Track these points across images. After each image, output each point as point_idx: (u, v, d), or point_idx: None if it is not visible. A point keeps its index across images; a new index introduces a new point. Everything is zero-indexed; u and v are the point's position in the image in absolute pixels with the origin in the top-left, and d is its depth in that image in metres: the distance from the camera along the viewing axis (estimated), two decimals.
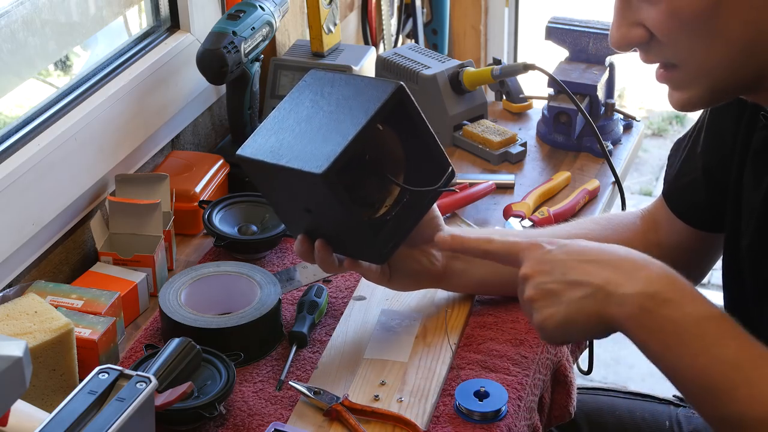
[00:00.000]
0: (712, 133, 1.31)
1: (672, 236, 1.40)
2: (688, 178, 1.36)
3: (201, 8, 1.82)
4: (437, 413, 1.31)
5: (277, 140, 1.30)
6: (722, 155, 1.28)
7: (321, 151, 1.24)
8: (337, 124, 1.27)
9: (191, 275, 1.46)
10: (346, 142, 1.24)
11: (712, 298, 1.11)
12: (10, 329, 1.27)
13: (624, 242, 1.36)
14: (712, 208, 1.33)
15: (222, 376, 1.30)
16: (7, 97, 1.55)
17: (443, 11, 2.74)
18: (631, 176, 3.88)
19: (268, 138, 1.31)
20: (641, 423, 1.56)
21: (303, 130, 1.29)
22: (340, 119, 1.28)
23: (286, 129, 1.31)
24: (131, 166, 1.70)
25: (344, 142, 1.24)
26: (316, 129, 1.28)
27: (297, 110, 1.32)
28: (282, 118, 1.32)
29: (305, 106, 1.32)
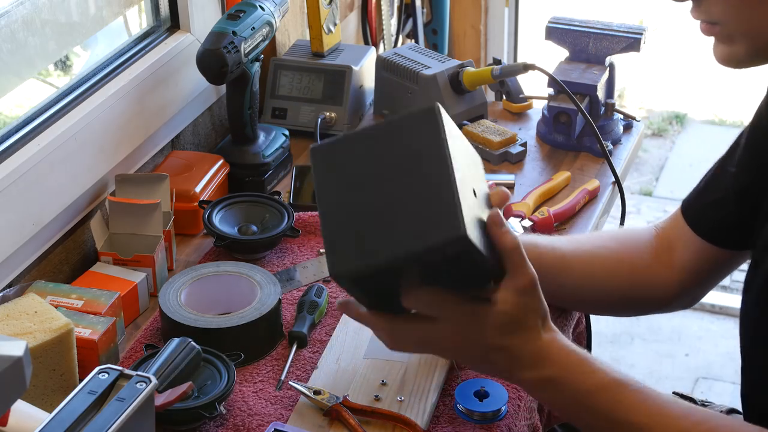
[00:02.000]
0: (750, 152, 1.31)
1: (686, 255, 1.39)
2: (714, 196, 1.36)
3: (201, 8, 1.82)
4: (437, 413, 1.31)
5: (364, 240, 1.07)
6: (761, 174, 1.28)
7: (428, 217, 1.05)
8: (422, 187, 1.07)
9: (191, 275, 1.46)
10: (453, 193, 1.05)
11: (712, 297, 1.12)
12: (10, 329, 1.27)
13: (636, 260, 1.40)
14: (740, 226, 1.32)
15: (222, 376, 1.30)
16: (7, 97, 1.55)
17: (443, 11, 2.74)
18: (631, 176, 3.88)
19: (349, 240, 1.07)
20: None
21: (386, 209, 1.07)
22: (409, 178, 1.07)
23: (362, 222, 1.08)
24: (131, 166, 1.70)
25: (450, 193, 1.05)
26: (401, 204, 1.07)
27: (346, 197, 1.09)
28: (338, 214, 1.09)
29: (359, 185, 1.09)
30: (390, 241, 1.06)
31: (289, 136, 1.83)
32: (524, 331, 1.14)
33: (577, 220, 1.70)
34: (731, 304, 3.22)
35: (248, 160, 1.76)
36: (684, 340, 3.12)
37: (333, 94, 1.93)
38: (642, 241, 1.44)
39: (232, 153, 1.77)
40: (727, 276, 1.44)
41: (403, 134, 1.09)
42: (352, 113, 1.94)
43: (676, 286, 1.41)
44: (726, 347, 3.08)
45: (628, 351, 3.07)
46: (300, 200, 1.72)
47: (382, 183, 1.08)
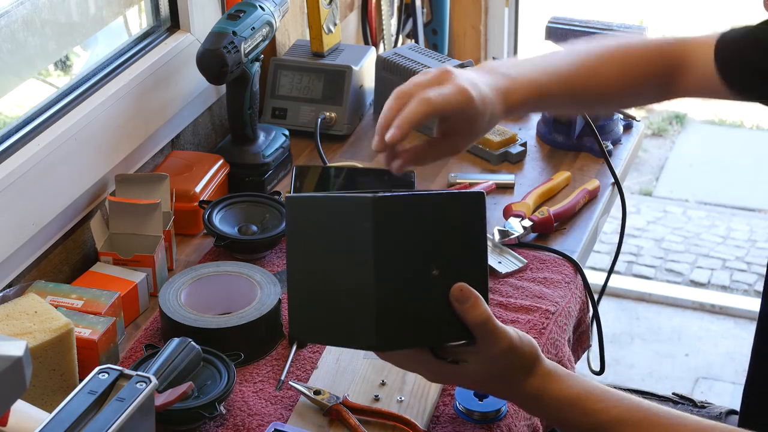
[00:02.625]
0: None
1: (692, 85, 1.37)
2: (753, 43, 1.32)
3: (201, 8, 1.82)
4: (437, 413, 1.31)
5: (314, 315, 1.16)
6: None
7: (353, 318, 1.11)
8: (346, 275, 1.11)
9: (191, 275, 1.46)
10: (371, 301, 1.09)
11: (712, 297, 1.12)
12: (10, 329, 1.27)
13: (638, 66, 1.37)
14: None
15: (222, 376, 1.30)
16: (7, 97, 1.55)
17: (443, 11, 2.74)
18: (631, 176, 3.88)
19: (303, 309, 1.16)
20: None
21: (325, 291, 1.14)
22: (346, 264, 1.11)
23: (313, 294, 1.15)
24: (131, 166, 1.70)
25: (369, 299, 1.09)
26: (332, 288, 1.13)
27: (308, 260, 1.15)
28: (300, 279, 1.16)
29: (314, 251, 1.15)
30: (327, 329, 1.14)
31: (289, 136, 1.83)
32: (505, 383, 1.16)
33: (577, 220, 1.70)
34: (731, 304, 3.22)
35: (248, 160, 1.76)
36: (684, 340, 3.12)
37: (333, 94, 1.93)
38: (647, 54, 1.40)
39: (232, 153, 1.77)
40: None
41: (348, 213, 1.11)
42: (352, 113, 1.94)
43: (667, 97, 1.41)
44: (726, 347, 3.08)
45: (628, 351, 3.07)
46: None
47: (329, 259, 1.13)
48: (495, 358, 1.13)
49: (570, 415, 1.15)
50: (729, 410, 1.56)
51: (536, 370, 1.15)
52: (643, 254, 3.51)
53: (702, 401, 1.61)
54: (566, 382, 1.16)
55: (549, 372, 1.16)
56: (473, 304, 1.12)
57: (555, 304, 1.50)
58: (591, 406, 1.14)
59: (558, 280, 1.55)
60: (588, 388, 1.15)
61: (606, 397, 1.15)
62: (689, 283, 3.36)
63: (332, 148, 1.90)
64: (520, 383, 1.15)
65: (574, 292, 1.54)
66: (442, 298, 1.12)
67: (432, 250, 1.12)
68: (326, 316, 1.14)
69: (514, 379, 1.15)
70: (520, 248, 1.61)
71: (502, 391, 1.18)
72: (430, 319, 1.12)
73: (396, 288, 1.09)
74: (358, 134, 1.95)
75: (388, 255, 1.09)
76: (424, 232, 1.12)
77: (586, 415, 1.14)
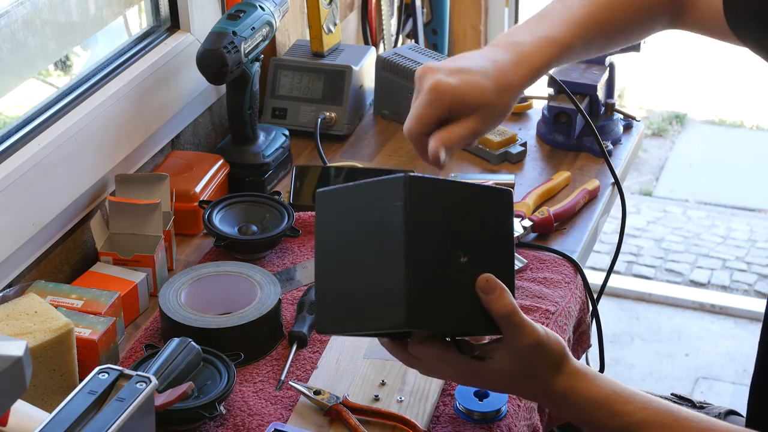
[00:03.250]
0: None
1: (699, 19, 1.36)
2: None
3: (201, 8, 1.82)
4: (437, 413, 1.31)
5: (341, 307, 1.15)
6: None
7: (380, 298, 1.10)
8: (374, 258, 1.11)
9: (191, 275, 1.46)
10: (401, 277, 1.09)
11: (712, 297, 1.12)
12: (10, 329, 1.27)
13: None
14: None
15: (222, 376, 1.30)
16: (7, 97, 1.55)
17: (443, 11, 2.74)
18: (631, 176, 3.88)
19: (330, 301, 1.16)
20: None
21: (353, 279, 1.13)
22: (375, 248, 1.11)
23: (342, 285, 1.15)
24: (131, 166, 1.70)
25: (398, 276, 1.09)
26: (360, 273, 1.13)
27: (335, 250, 1.16)
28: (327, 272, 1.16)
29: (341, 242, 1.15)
30: (355, 314, 1.13)
31: (289, 136, 1.83)
32: (532, 381, 1.15)
33: (577, 220, 1.70)
34: (731, 304, 3.22)
35: (248, 160, 1.76)
36: (684, 340, 3.12)
37: (333, 94, 1.93)
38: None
39: (232, 153, 1.77)
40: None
41: (378, 196, 1.12)
42: (352, 113, 1.94)
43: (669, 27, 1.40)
44: (726, 347, 3.08)
45: (628, 351, 3.07)
46: (300, 200, 1.72)
47: (359, 246, 1.13)
48: (521, 353, 1.12)
49: (598, 415, 1.14)
50: (729, 410, 1.56)
51: (564, 368, 1.14)
52: (643, 254, 3.51)
53: (701, 402, 1.61)
54: (595, 382, 1.15)
55: (577, 371, 1.15)
56: (498, 295, 1.11)
57: (555, 304, 1.50)
58: (620, 408, 1.13)
59: (558, 280, 1.55)
60: (617, 389, 1.14)
61: (635, 399, 1.14)
62: (689, 283, 3.36)
63: (332, 148, 1.90)
64: (547, 381, 1.14)
65: (574, 292, 1.54)
66: (470, 286, 1.12)
67: (461, 236, 1.12)
68: (354, 304, 1.13)
69: (541, 377, 1.14)
70: (520, 248, 1.61)
71: (528, 390, 1.16)
72: (457, 307, 1.11)
73: (425, 269, 1.09)
74: (358, 134, 1.95)
75: (418, 235, 1.08)
76: (453, 217, 1.11)
77: (615, 416, 1.13)
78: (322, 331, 1.17)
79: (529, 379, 1.14)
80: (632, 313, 3.23)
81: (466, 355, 1.14)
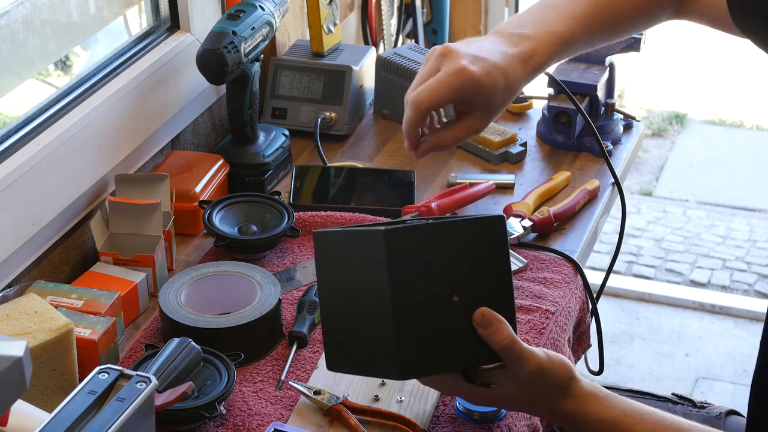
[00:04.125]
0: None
1: (703, 9, 1.37)
2: None
3: (201, 8, 1.82)
4: (437, 413, 1.31)
5: (345, 346, 1.19)
6: None
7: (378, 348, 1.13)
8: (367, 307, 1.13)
9: (191, 275, 1.46)
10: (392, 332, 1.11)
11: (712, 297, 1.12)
12: (10, 329, 1.27)
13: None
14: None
15: (222, 376, 1.30)
16: (7, 97, 1.55)
17: (443, 11, 2.74)
18: (631, 176, 3.88)
19: (336, 342, 1.20)
20: None
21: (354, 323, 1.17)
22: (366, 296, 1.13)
23: (343, 326, 1.18)
24: (131, 166, 1.70)
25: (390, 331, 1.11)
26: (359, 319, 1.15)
27: (337, 291, 1.19)
28: (332, 311, 1.19)
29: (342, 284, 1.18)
30: (357, 362, 1.18)
31: (289, 136, 1.83)
32: (540, 403, 1.15)
33: (577, 220, 1.70)
34: (731, 304, 3.22)
35: (248, 160, 1.76)
36: (684, 340, 3.12)
37: (333, 94, 1.93)
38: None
39: (232, 153, 1.77)
40: None
41: (364, 245, 1.13)
42: (352, 113, 1.94)
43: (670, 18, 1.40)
44: (726, 347, 3.08)
45: (628, 351, 3.07)
46: (300, 200, 1.72)
47: (355, 289, 1.15)
48: (524, 380, 1.13)
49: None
50: (729, 410, 1.56)
51: (571, 390, 1.15)
52: (643, 254, 3.51)
53: (701, 401, 1.61)
54: (604, 403, 1.15)
55: (586, 393, 1.15)
56: (496, 328, 1.11)
57: (555, 304, 1.50)
58: (629, 428, 1.13)
59: (558, 280, 1.55)
60: (626, 410, 1.14)
61: (645, 419, 1.14)
62: (689, 283, 3.36)
63: (332, 148, 1.90)
64: (556, 404, 1.15)
65: (574, 292, 1.54)
66: (465, 323, 1.12)
67: (450, 276, 1.12)
68: (354, 347, 1.17)
69: (549, 400, 1.15)
70: (520, 248, 1.61)
71: (539, 411, 1.18)
72: (453, 345, 1.12)
73: (414, 316, 1.10)
74: (358, 134, 1.95)
75: (404, 284, 1.09)
76: (440, 259, 1.12)
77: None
78: (332, 370, 1.21)
79: (537, 402, 1.15)
80: (632, 313, 3.23)
81: (473, 383, 1.15)
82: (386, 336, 1.10)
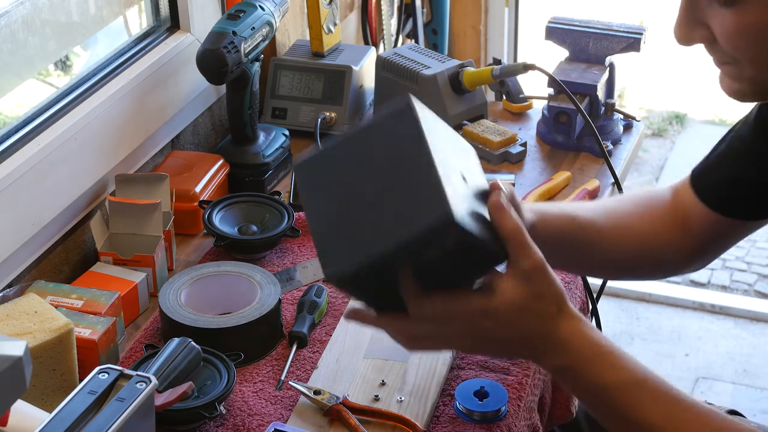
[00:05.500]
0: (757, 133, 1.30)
1: (699, 223, 1.37)
2: (722, 173, 1.34)
3: (201, 8, 1.82)
4: (437, 413, 1.31)
5: (353, 239, 1.04)
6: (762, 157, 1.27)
7: (413, 207, 1.01)
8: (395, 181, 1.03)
9: (191, 275, 1.46)
10: (437, 179, 1.01)
11: (712, 297, 1.12)
12: (10, 329, 1.27)
13: (657, 223, 1.38)
14: (748, 200, 1.31)
15: (222, 376, 1.30)
16: (7, 97, 1.55)
17: (443, 11, 2.74)
18: (631, 176, 3.88)
19: (339, 244, 1.05)
20: None
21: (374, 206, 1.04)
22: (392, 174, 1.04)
23: (349, 224, 1.05)
24: (131, 166, 1.70)
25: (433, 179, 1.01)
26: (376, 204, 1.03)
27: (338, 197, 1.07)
28: (327, 222, 1.07)
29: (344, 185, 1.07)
30: (377, 236, 1.02)
31: (289, 136, 1.83)
32: (538, 319, 1.11)
33: None
34: (731, 304, 3.22)
35: (248, 160, 1.76)
36: (684, 340, 3.12)
37: (333, 94, 1.93)
38: (661, 205, 1.41)
39: (232, 153, 1.77)
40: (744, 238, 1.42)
41: (382, 133, 1.07)
42: (352, 113, 1.94)
43: (690, 250, 1.40)
44: (726, 347, 3.08)
45: (628, 351, 3.06)
46: (300, 200, 1.72)
47: (365, 186, 1.05)
48: (527, 276, 1.09)
49: (599, 365, 1.12)
50: (729, 410, 1.56)
51: (566, 311, 1.12)
52: None
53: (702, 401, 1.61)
54: (595, 330, 1.14)
55: (579, 316, 1.13)
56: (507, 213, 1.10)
57: None
58: (621, 362, 1.12)
59: None
60: (616, 346, 1.14)
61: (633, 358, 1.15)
62: (689, 283, 3.36)
63: None
64: (551, 321, 1.11)
65: (574, 292, 1.54)
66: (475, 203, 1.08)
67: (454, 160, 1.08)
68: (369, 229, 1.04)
69: (547, 315, 1.10)
70: None
71: (533, 332, 1.11)
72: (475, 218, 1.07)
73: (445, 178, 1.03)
74: None
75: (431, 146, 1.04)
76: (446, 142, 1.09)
77: (617, 370, 1.11)
78: (333, 274, 1.04)
79: (534, 318, 1.10)
80: (632, 313, 3.23)
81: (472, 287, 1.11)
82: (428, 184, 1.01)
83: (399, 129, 1.05)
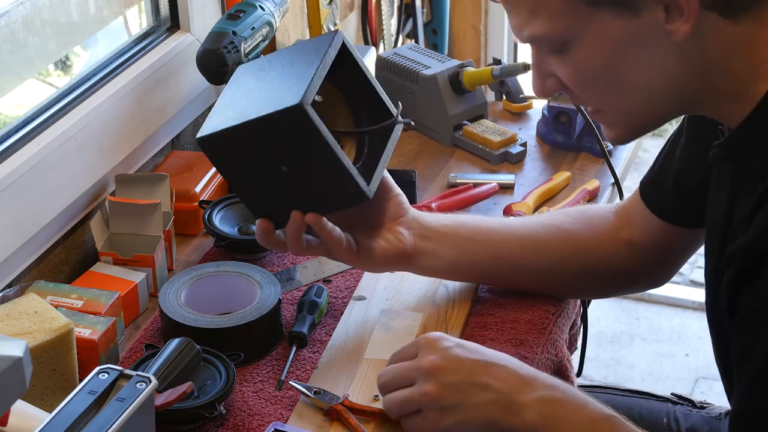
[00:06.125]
0: (688, 139, 1.32)
1: (645, 233, 1.40)
2: (665, 181, 1.36)
3: (201, 8, 1.82)
4: None
5: (235, 110, 1.27)
6: (696, 164, 1.29)
7: (287, 93, 1.22)
8: (291, 77, 1.25)
9: (191, 275, 1.46)
10: (312, 75, 1.22)
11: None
12: (10, 329, 1.27)
13: (595, 237, 1.42)
14: (691, 207, 1.32)
15: (222, 376, 1.30)
16: (7, 97, 1.56)
17: (443, 11, 2.74)
18: (631, 176, 3.87)
19: (225, 113, 1.28)
20: (639, 420, 1.56)
21: (258, 94, 1.26)
22: (293, 72, 1.25)
23: (240, 100, 1.28)
24: (131, 166, 1.70)
25: (309, 76, 1.22)
26: (271, 88, 1.26)
27: (243, 87, 1.30)
28: (230, 98, 1.30)
29: (249, 81, 1.30)
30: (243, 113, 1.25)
31: None
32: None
33: None
34: None
35: None
36: (684, 340, 3.12)
37: None
38: (602, 217, 1.45)
39: None
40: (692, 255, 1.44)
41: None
42: None
43: (637, 264, 1.42)
44: None
45: (628, 351, 3.07)
46: None
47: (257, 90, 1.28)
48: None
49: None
50: (729, 410, 1.56)
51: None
52: None
53: (701, 402, 1.61)
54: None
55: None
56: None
57: (556, 304, 1.49)
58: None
59: None
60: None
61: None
62: (689, 283, 3.36)
63: None
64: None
65: None
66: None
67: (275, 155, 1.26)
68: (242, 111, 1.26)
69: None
70: None
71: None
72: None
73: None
74: None
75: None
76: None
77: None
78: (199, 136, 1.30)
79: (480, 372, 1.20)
80: (632, 313, 3.23)
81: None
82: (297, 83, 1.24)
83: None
